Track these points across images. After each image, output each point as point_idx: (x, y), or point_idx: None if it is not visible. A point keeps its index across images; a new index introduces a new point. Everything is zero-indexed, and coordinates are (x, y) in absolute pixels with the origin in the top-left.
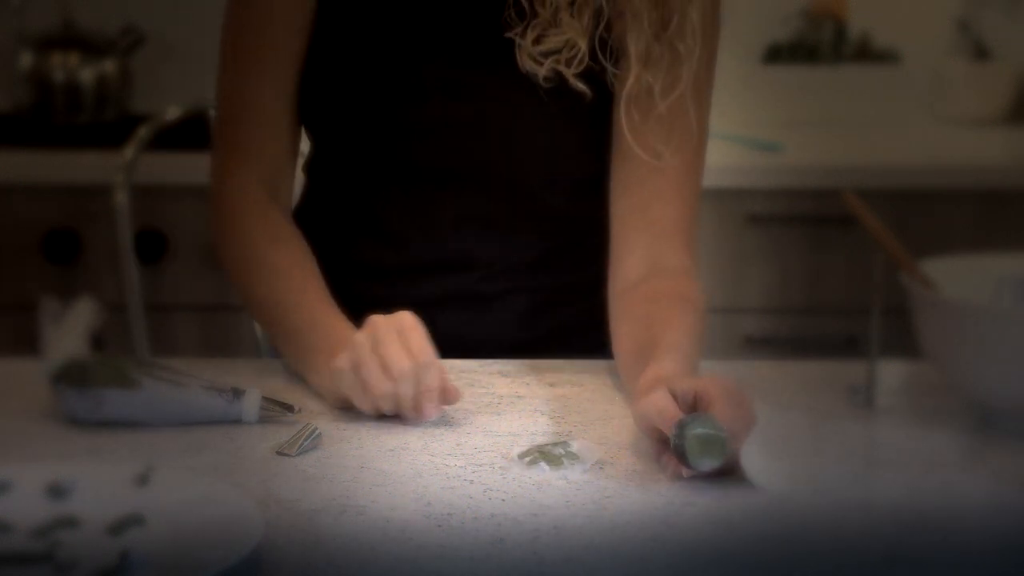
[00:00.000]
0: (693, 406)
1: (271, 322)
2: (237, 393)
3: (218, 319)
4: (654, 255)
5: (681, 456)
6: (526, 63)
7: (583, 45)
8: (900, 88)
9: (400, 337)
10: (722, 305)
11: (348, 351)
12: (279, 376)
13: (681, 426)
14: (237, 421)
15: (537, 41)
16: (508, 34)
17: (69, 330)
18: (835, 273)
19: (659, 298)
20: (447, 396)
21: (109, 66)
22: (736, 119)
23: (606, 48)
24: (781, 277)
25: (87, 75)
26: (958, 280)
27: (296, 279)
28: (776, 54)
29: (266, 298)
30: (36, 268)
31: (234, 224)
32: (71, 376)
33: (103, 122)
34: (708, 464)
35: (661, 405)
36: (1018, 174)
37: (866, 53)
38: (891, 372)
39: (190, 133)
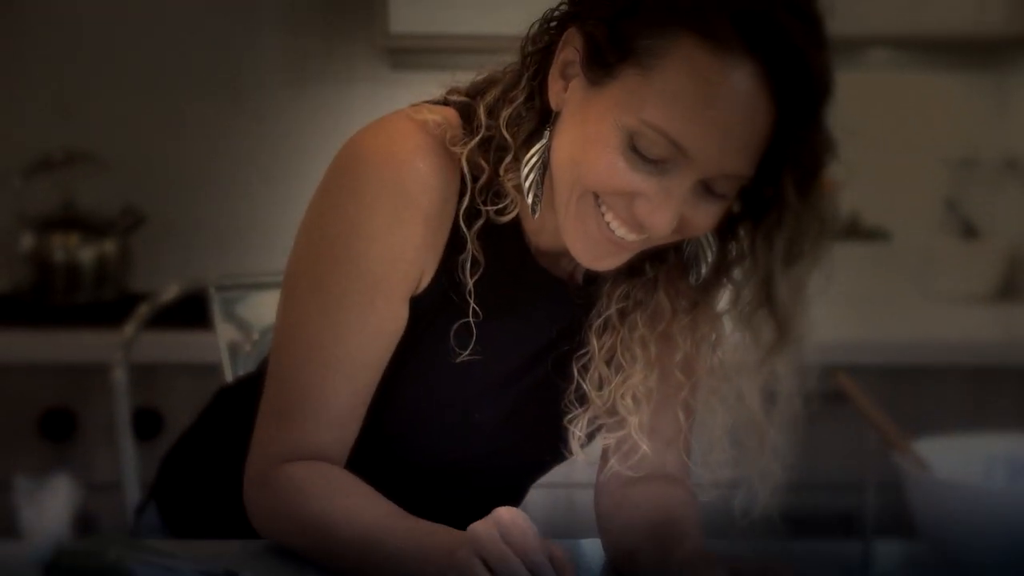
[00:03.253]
0: None
1: (363, 559)
2: None
3: None
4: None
5: None
6: (575, 449)
7: (644, 446)
8: (890, 265)
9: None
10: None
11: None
12: (269, 557)
13: None
14: None
15: (591, 436)
16: (566, 421)
17: (51, 511)
18: (828, 449)
19: (669, 487)
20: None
21: (109, 246)
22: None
23: None
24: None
25: (87, 255)
26: (950, 459)
27: (380, 507)
28: None
29: (352, 539)
30: (32, 446)
31: (291, 492)
32: (62, 565)
33: (102, 301)
34: None
35: None
36: (1008, 351)
37: (856, 231)
38: (886, 551)
39: (187, 312)
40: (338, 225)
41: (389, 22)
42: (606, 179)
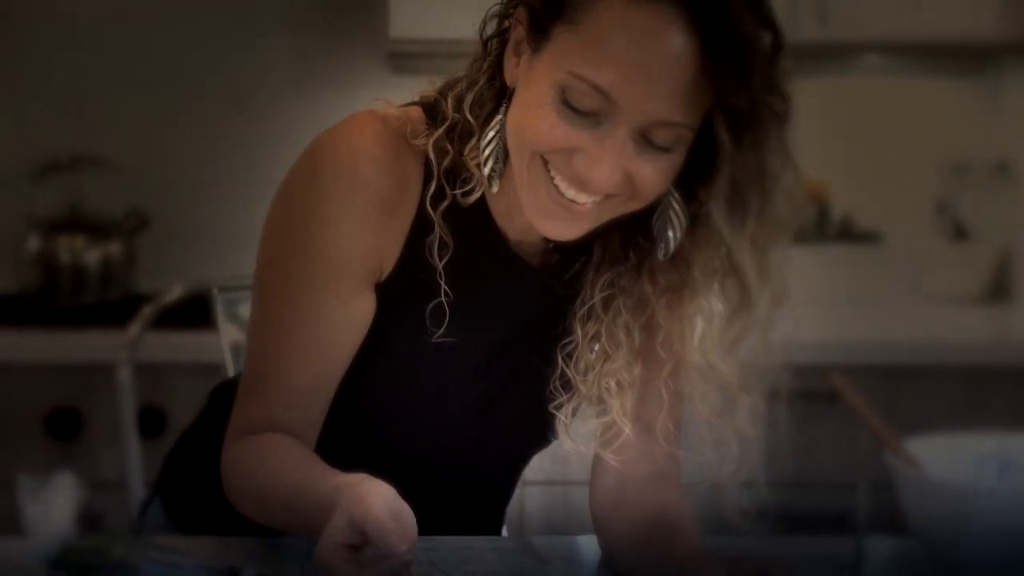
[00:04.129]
0: None
1: (273, 499)
2: (235, 572)
3: None
4: (646, 450)
5: None
6: (562, 436)
7: (627, 429)
8: (882, 267)
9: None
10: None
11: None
12: (272, 554)
13: None
14: None
15: (574, 414)
16: (552, 408)
17: (55, 508)
18: (822, 448)
19: (663, 485)
20: None
21: (114, 248)
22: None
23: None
24: (766, 452)
25: (92, 257)
26: (941, 458)
27: (297, 474)
28: None
29: (281, 511)
30: (38, 444)
31: (241, 451)
32: (68, 562)
33: (107, 302)
34: None
35: None
36: (999, 351)
37: (848, 233)
38: (879, 549)
39: (191, 312)
40: (298, 214)
41: (389, 26)
42: (545, 137)
